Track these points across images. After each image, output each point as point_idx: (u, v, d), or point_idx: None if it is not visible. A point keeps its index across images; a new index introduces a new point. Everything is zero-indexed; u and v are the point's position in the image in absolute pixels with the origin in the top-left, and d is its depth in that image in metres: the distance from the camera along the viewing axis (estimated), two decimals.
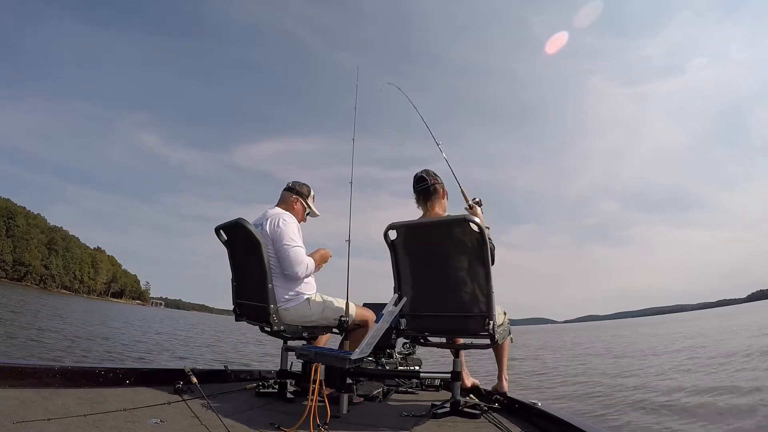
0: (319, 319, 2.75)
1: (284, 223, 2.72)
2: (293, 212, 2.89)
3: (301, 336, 2.78)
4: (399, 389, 3.32)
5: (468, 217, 2.22)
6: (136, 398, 2.13)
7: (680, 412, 4.47)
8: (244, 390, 2.75)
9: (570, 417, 2.13)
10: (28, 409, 1.72)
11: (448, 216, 2.58)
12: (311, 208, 2.97)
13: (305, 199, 2.95)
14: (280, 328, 2.64)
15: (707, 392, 5.38)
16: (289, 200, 2.94)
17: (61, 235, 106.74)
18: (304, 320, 2.73)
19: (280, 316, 2.66)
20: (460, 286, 2.29)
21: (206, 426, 1.86)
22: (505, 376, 2.82)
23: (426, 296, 2.48)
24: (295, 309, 2.70)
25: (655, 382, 6.54)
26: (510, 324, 2.67)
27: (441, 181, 2.72)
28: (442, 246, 2.32)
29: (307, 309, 2.72)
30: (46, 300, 33.90)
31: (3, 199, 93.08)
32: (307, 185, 3.01)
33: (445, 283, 2.35)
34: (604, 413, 4.68)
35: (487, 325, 2.20)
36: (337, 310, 2.76)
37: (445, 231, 2.32)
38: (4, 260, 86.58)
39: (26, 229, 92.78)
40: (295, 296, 2.71)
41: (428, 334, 2.62)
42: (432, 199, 2.67)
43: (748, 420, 4.03)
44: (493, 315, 2.23)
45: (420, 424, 2.24)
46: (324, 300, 2.79)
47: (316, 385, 2.02)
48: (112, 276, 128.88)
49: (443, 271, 2.35)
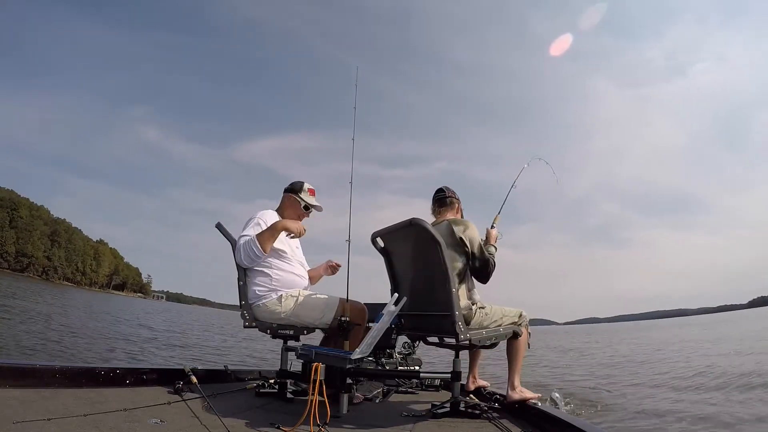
0: (291, 317, 2.69)
1: (248, 220, 2.76)
2: (283, 209, 2.91)
3: (278, 334, 2.73)
4: (399, 389, 3.33)
5: (414, 220, 2.38)
6: (136, 398, 2.13)
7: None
8: (244, 390, 2.75)
9: (570, 417, 2.13)
10: (28, 409, 1.72)
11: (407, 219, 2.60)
12: (304, 200, 2.92)
13: (297, 193, 2.92)
14: (252, 325, 2.65)
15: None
16: (282, 199, 2.96)
17: (64, 227, 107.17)
18: (276, 318, 2.69)
19: (253, 312, 2.67)
20: (429, 286, 2.47)
21: (206, 426, 1.86)
22: (516, 384, 2.60)
23: (409, 296, 2.56)
24: (265, 306, 2.67)
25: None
26: (518, 326, 2.58)
27: (458, 199, 2.84)
28: (410, 249, 2.48)
29: (278, 306, 2.67)
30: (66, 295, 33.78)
31: (6, 190, 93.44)
32: (302, 181, 2.98)
33: (418, 284, 2.52)
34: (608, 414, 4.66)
35: (452, 324, 2.34)
36: (315, 309, 2.72)
37: (405, 235, 2.45)
38: (6, 251, 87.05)
39: (29, 220, 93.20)
40: (266, 293, 2.68)
41: (421, 333, 2.77)
42: (444, 208, 2.79)
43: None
44: (455, 314, 2.34)
45: (420, 424, 2.24)
46: (299, 297, 2.72)
47: (317, 385, 2.01)
48: (114, 268, 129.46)
49: (415, 274, 2.52)
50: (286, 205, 2.92)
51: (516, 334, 2.59)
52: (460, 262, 2.52)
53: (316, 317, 2.72)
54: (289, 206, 2.91)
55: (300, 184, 2.95)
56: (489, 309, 2.58)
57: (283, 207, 2.92)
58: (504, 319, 2.58)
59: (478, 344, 2.48)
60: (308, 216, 2.97)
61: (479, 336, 2.47)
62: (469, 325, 2.45)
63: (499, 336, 2.54)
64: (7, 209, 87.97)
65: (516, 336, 2.59)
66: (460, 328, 2.36)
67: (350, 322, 2.71)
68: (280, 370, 2.74)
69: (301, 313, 2.70)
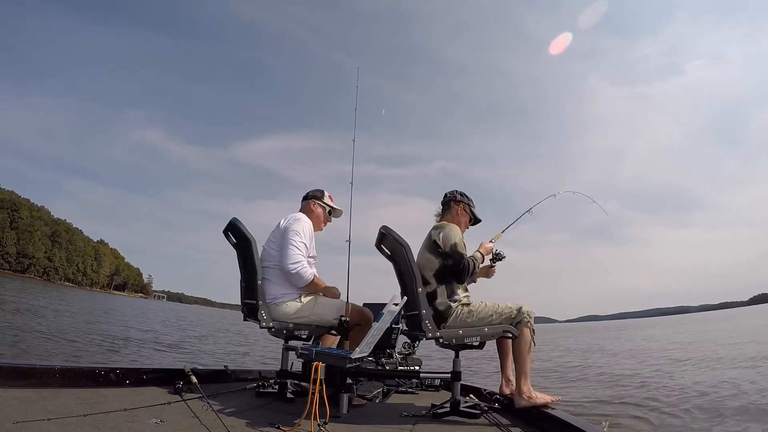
0: (311, 316, 2.73)
1: (296, 220, 2.83)
2: (312, 215, 2.99)
3: (293, 335, 2.74)
4: (399, 389, 3.33)
5: (382, 228, 2.55)
6: (136, 398, 2.14)
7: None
8: (244, 390, 2.76)
9: (570, 417, 2.14)
10: (28, 409, 1.73)
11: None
12: (331, 206, 3.07)
13: (321, 199, 3.05)
14: (269, 325, 2.64)
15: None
16: (307, 206, 3.04)
17: (65, 228, 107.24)
18: (294, 317, 2.70)
19: (270, 311, 2.66)
20: (404, 287, 2.58)
21: (206, 426, 1.86)
22: (523, 389, 2.44)
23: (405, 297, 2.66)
24: (285, 305, 2.69)
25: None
26: (513, 325, 2.49)
27: (462, 202, 2.87)
28: (394, 254, 2.59)
29: (298, 305, 2.70)
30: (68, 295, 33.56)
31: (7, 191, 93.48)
32: (321, 189, 3.11)
33: (401, 286, 2.62)
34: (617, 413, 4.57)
35: (420, 323, 2.46)
36: (332, 308, 2.75)
37: (387, 239, 2.59)
38: (7, 252, 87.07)
39: (30, 221, 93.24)
40: (286, 292, 2.71)
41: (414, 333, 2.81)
42: (445, 211, 2.90)
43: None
44: (422, 313, 2.44)
45: (420, 424, 2.24)
46: (317, 298, 2.77)
47: (317, 384, 2.01)
48: (115, 269, 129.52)
49: (398, 276, 2.62)
50: (315, 213, 3.01)
51: (510, 334, 2.48)
52: (436, 262, 2.61)
53: (333, 317, 2.75)
54: (316, 213, 3.01)
55: (321, 192, 3.08)
56: (476, 306, 2.56)
57: (310, 213, 3.00)
58: (494, 317, 2.51)
59: (453, 343, 2.48)
60: (331, 221, 3.11)
61: (453, 335, 2.48)
62: (446, 323, 2.50)
63: (484, 335, 2.49)
64: (8, 210, 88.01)
65: (512, 336, 2.48)
66: (427, 326, 2.44)
67: (352, 323, 2.73)
68: (280, 370, 2.74)
69: (320, 312, 2.74)
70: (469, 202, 2.88)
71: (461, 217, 2.85)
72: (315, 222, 2.99)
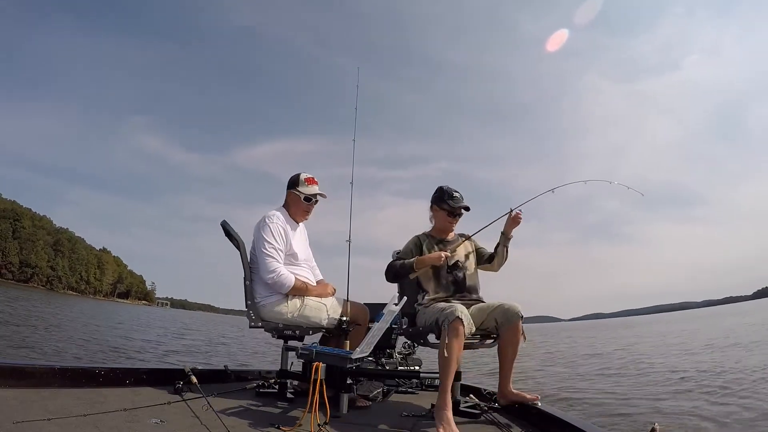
0: (297, 318, 2.69)
1: (263, 225, 2.72)
2: (289, 206, 2.89)
3: (284, 335, 2.72)
4: (399, 389, 3.32)
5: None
6: (136, 398, 2.14)
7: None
8: (244, 390, 2.75)
9: (570, 417, 2.13)
10: (28, 409, 1.73)
11: None
12: (303, 192, 2.85)
13: (295, 187, 2.87)
14: (258, 325, 2.65)
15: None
16: (287, 196, 2.92)
17: (67, 237, 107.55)
18: (281, 318, 2.68)
19: (258, 312, 2.67)
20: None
21: (206, 426, 1.86)
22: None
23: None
24: (271, 306, 2.67)
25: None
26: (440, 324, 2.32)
27: (434, 205, 2.87)
28: None
29: (284, 306, 2.67)
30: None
31: (9, 201, 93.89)
32: (298, 173, 2.90)
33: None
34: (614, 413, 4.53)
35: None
36: (321, 310, 2.72)
37: None
38: (10, 262, 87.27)
39: (32, 230, 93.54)
40: (271, 294, 2.69)
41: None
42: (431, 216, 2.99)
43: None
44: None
45: (420, 424, 2.24)
46: (305, 299, 2.72)
47: (317, 384, 2.02)
48: (118, 277, 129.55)
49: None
50: (290, 203, 2.90)
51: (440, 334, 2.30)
52: None
53: (322, 318, 2.72)
54: (292, 204, 2.89)
55: (296, 177, 2.88)
56: (430, 307, 2.56)
57: (288, 205, 2.90)
58: (432, 317, 2.45)
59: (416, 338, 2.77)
60: (313, 206, 2.92)
61: (415, 332, 2.70)
62: (415, 324, 2.68)
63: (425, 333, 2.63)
64: (10, 220, 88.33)
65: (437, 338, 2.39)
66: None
67: (351, 322, 2.72)
68: (280, 370, 2.74)
69: (307, 314, 2.70)
70: (437, 200, 2.83)
71: (436, 218, 2.87)
72: (294, 213, 2.89)
